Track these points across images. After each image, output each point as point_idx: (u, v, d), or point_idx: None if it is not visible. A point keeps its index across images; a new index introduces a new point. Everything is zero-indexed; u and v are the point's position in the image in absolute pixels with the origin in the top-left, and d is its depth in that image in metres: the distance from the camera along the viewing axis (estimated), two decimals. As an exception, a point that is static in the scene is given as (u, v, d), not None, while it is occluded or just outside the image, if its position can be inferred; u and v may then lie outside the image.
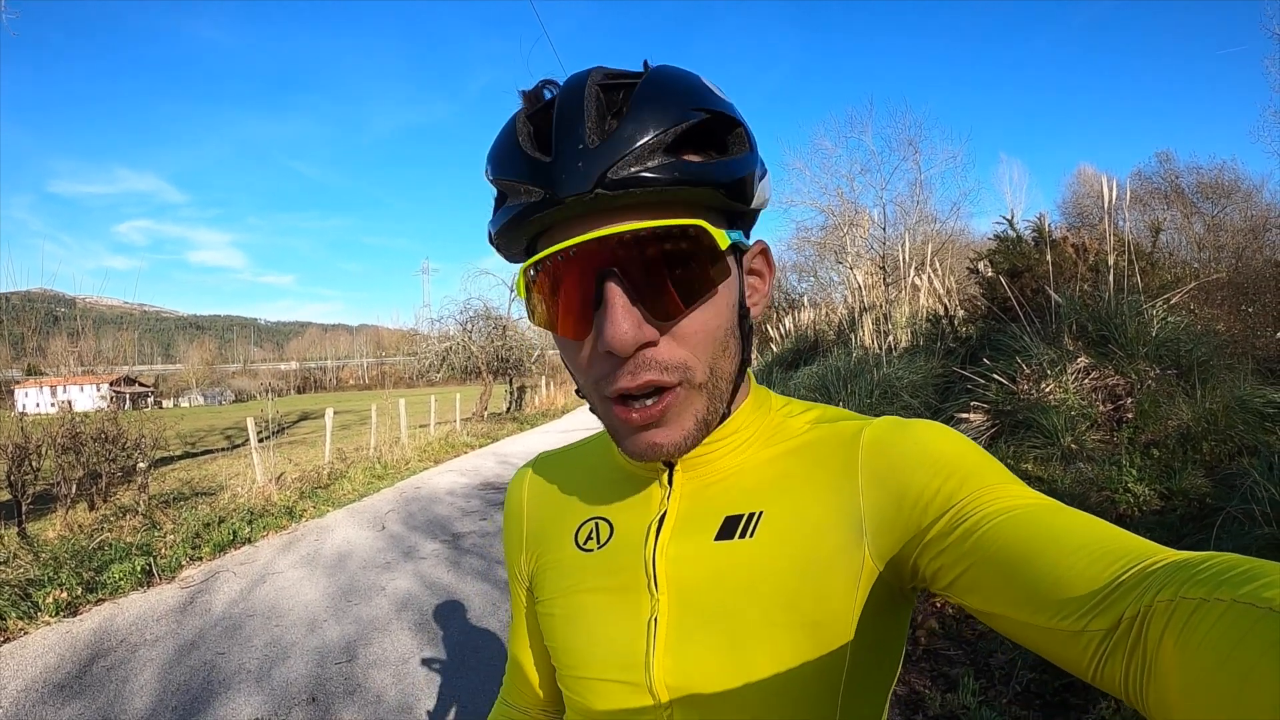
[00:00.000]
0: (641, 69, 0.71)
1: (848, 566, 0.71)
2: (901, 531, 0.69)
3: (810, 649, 0.70)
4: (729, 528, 0.77)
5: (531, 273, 0.71)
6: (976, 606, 0.60)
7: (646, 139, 0.63)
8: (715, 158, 0.69)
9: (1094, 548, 0.54)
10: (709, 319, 0.70)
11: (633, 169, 0.62)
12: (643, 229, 0.64)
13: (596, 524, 0.88)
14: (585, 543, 0.87)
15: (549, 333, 0.76)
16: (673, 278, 0.66)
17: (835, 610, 0.70)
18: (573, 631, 0.84)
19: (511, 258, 0.78)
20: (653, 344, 0.67)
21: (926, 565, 0.66)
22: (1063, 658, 0.53)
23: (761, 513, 0.76)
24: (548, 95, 0.72)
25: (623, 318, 0.64)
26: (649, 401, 0.69)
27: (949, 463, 0.69)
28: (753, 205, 0.73)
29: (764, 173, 0.75)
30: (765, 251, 0.81)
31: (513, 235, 0.71)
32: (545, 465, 1.02)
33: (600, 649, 0.80)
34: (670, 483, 0.83)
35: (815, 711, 0.71)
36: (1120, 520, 4.68)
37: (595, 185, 0.62)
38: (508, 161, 0.69)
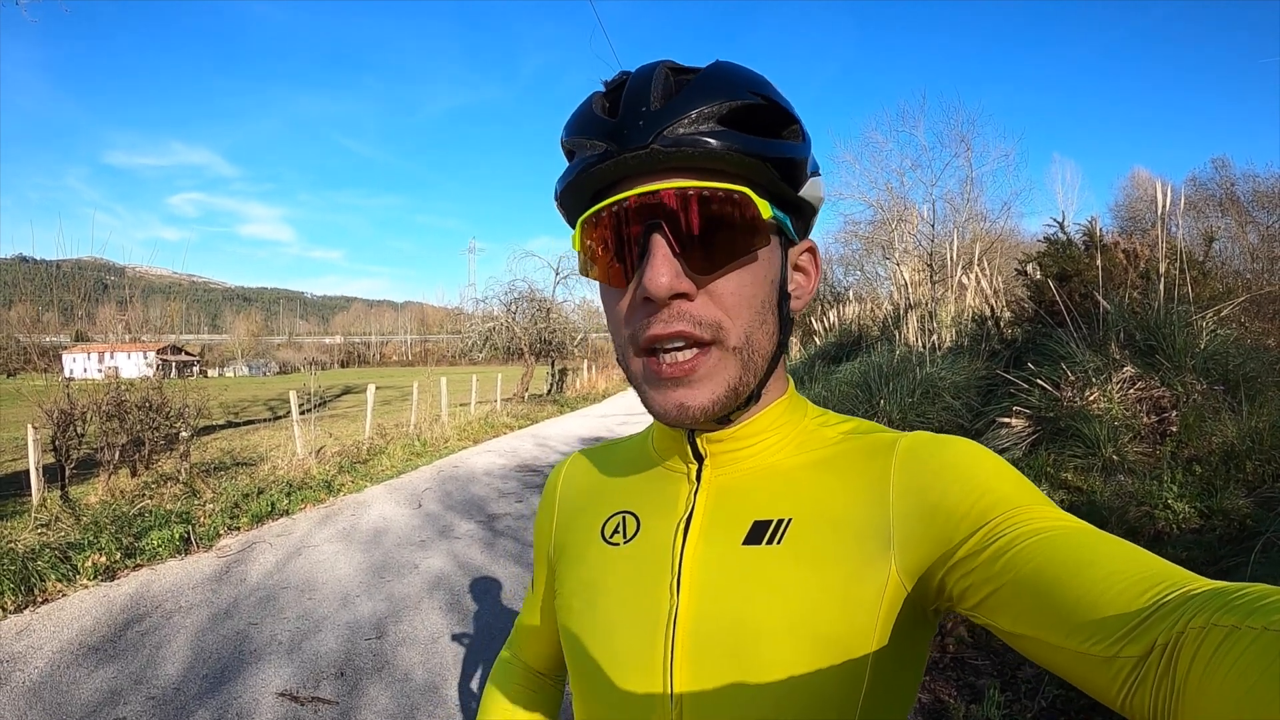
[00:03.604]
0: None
1: (873, 580, 0.70)
2: (930, 547, 0.68)
3: (830, 662, 0.69)
4: (757, 533, 0.77)
5: (588, 225, 0.74)
6: (1004, 628, 0.59)
7: (703, 107, 0.68)
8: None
9: (1129, 573, 0.53)
10: (745, 284, 0.72)
11: (686, 130, 0.67)
12: (690, 187, 0.68)
13: (624, 518, 0.88)
14: (611, 536, 0.88)
15: (592, 316, 0.75)
16: (713, 237, 0.69)
17: (857, 624, 0.69)
18: (591, 624, 0.84)
19: (571, 219, 0.81)
20: (688, 297, 0.70)
21: (954, 584, 0.65)
22: (1092, 683, 0.52)
23: (790, 519, 0.76)
24: (623, 79, 0.77)
25: (662, 264, 0.68)
26: (680, 355, 0.71)
27: (983, 481, 0.69)
28: (801, 193, 0.76)
29: (816, 170, 0.79)
30: (813, 251, 0.85)
31: (577, 190, 0.75)
32: (584, 458, 1.03)
33: (618, 644, 0.80)
34: (698, 479, 0.84)
35: None
36: (1158, 537, 4.58)
37: (652, 141, 0.67)
38: (580, 123, 0.75)
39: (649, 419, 0.89)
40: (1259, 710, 0.39)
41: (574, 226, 0.79)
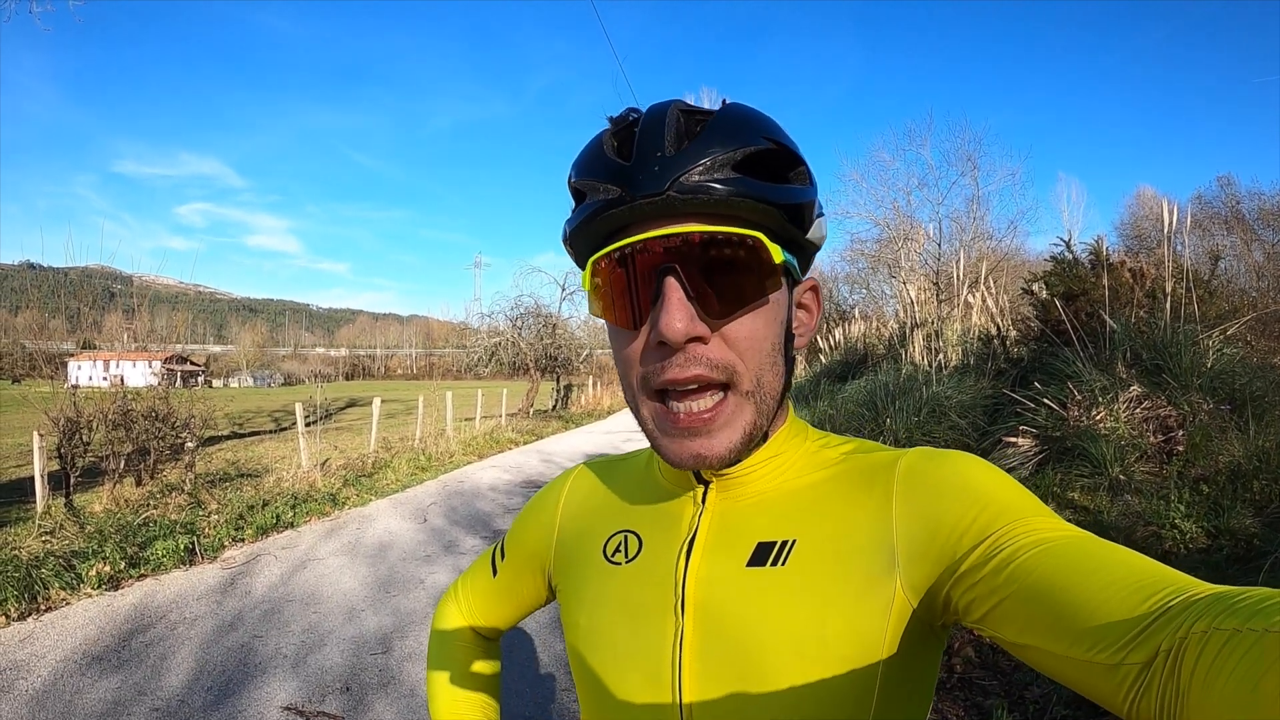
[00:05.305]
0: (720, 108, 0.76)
1: (878, 598, 0.70)
2: (935, 562, 0.68)
3: (839, 681, 0.69)
4: (761, 554, 0.77)
5: (599, 266, 0.75)
6: (1010, 639, 0.60)
7: (718, 154, 0.69)
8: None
9: (1132, 580, 0.53)
10: (758, 327, 0.73)
11: (702, 178, 0.68)
12: (705, 232, 0.69)
13: (626, 537, 0.89)
14: (613, 555, 0.88)
15: (598, 333, 0.74)
16: (728, 281, 0.71)
17: (864, 643, 0.70)
18: (598, 644, 0.85)
19: (580, 260, 0.82)
20: (703, 341, 0.71)
21: (960, 597, 0.65)
22: (1098, 691, 0.52)
23: (794, 541, 0.76)
24: (632, 118, 0.77)
25: (677, 308, 0.68)
26: (697, 407, 0.72)
27: (985, 494, 0.69)
28: (808, 235, 0.78)
29: (821, 213, 0.81)
30: (815, 289, 0.86)
31: (587, 232, 0.76)
32: (589, 472, 1.04)
33: (626, 665, 0.81)
34: (703, 501, 0.84)
35: None
36: (1165, 557, 4.55)
37: (668, 188, 0.68)
38: (591, 165, 0.76)
39: None
40: (1262, 712, 0.40)
41: (584, 267, 0.80)
